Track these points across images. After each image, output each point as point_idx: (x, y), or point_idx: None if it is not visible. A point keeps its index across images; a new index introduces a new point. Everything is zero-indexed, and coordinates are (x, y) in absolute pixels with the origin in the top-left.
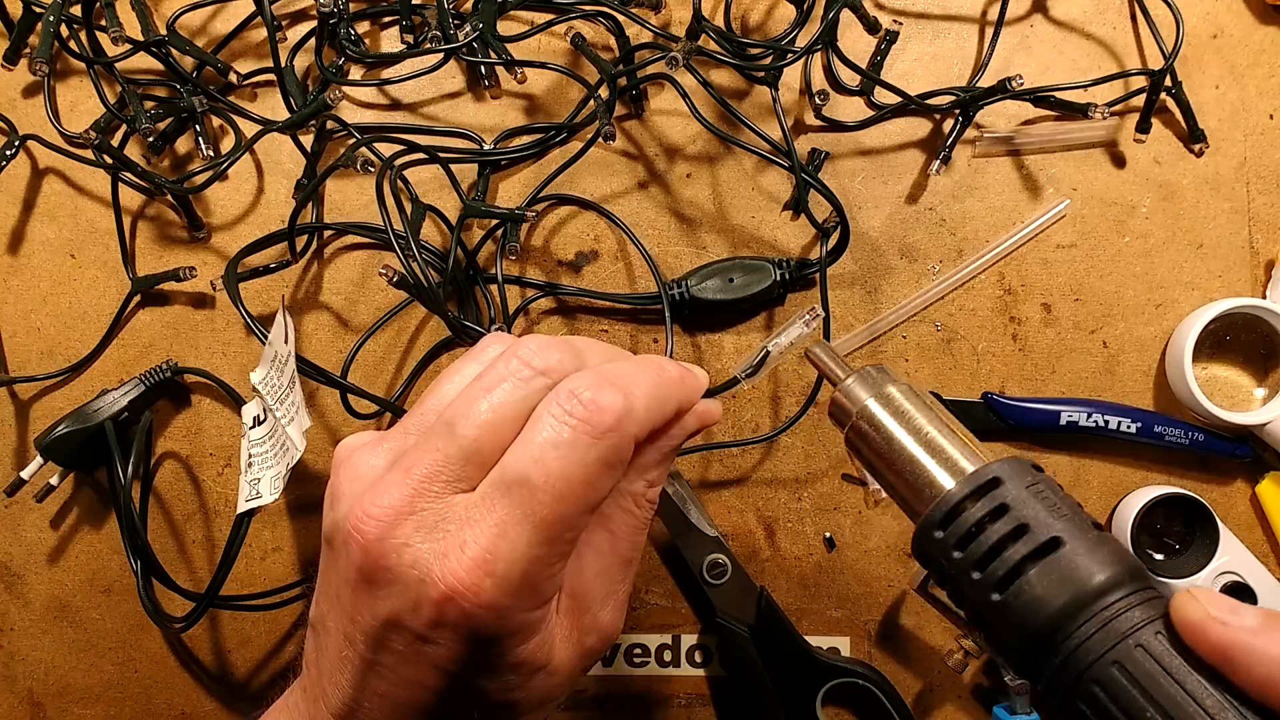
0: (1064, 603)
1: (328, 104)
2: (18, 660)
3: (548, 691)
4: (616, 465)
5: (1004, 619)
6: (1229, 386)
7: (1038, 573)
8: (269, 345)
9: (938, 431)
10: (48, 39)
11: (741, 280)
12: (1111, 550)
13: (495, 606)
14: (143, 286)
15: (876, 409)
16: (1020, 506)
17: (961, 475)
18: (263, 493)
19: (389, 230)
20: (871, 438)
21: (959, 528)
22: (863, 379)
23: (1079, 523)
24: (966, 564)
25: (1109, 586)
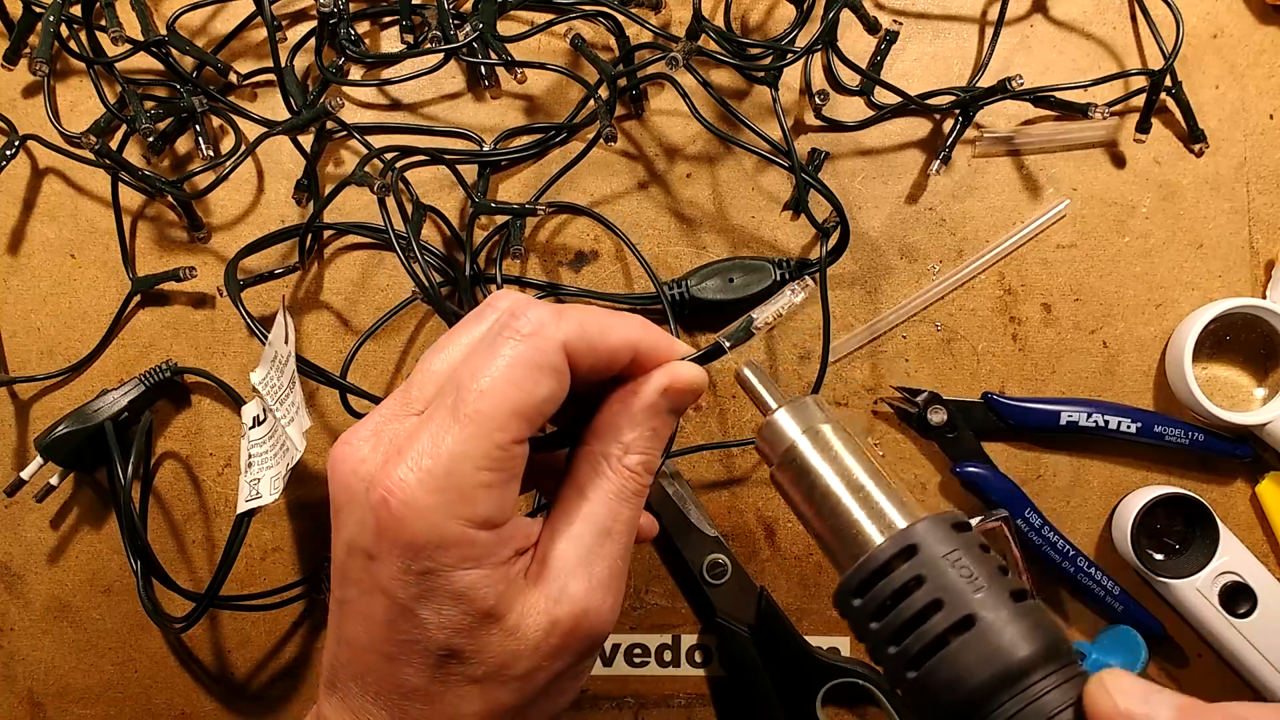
0: (975, 685)
1: (328, 109)
2: (18, 660)
3: (505, 654)
4: (543, 368)
5: (919, 695)
6: (1229, 386)
7: (951, 652)
8: (269, 345)
9: (867, 481)
10: (47, 39)
11: (741, 280)
12: (1027, 626)
13: (421, 505)
14: (143, 286)
15: (806, 449)
16: (936, 578)
17: (887, 533)
18: (263, 493)
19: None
20: (800, 480)
21: (875, 597)
22: (794, 411)
23: (997, 594)
24: (883, 636)
25: (1023, 669)
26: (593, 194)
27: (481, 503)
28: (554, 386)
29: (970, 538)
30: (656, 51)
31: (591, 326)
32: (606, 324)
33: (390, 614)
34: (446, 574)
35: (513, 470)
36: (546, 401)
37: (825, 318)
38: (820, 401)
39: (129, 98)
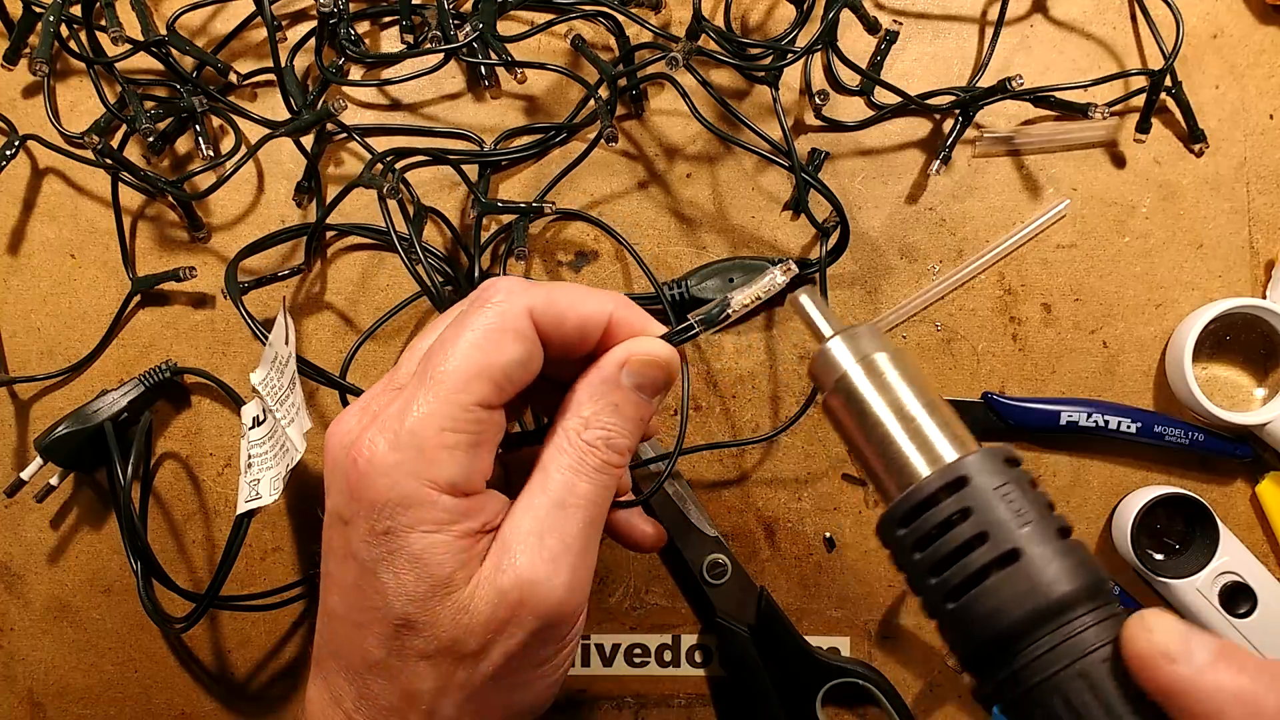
0: (1014, 620)
1: (330, 111)
2: (18, 660)
3: (456, 629)
4: (507, 331)
5: (955, 626)
6: (1229, 386)
7: (991, 585)
8: (269, 346)
9: (920, 411)
10: (48, 39)
11: (741, 280)
12: (1071, 564)
13: (384, 463)
14: (142, 286)
15: (859, 378)
16: (984, 511)
17: (936, 465)
18: (262, 493)
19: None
20: (850, 408)
21: (920, 528)
22: (849, 340)
23: (1043, 530)
24: (924, 566)
25: (1063, 605)
26: (593, 194)
27: (444, 464)
28: (519, 350)
29: (1021, 473)
30: (657, 51)
31: (562, 297)
32: (579, 296)
33: (358, 578)
34: (405, 535)
35: (479, 434)
36: (514, 365)
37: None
38: (876, 330)
39: (129, 98)
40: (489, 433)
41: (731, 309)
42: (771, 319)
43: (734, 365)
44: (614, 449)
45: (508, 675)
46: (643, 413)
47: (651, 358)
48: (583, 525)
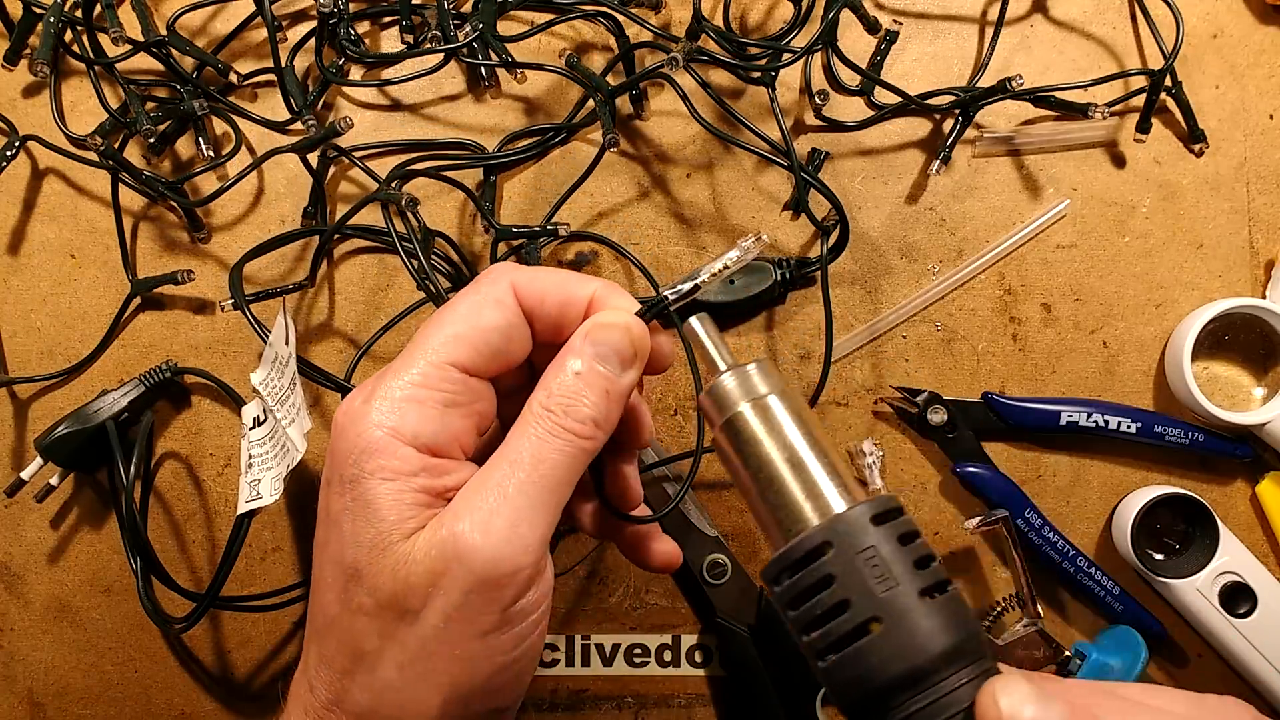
0: (877, 685)
1: (337, 130)
2: (18, 660)
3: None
4: (486, 299)
5: (829, 683)
6: (1229, 386)
7: (853, 652)
8: (269, 347)
9: (806, 457)
10: (48, 40)
11: (742, 281)
12: (935, 626)
13: (356, 414)
14: (142, 289)
15: (749, 418)
16: (845, 577)
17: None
18: (263, 494)
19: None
20: (739, 449)
21: (791, 589)
22: (741, 378)
23: (907, 593)
24: (797, 624)
25: (925, 671)
26: (593, 194)
27: (409, 416)
28: (497, 316)
29: (892, 529)
30: (657, 50)
31: (547, 275)
32: (565, 276)
33: (326, 533)
34: (366, 481)
35: (452, 395)
36: (491, 331)
37: (828, 317)
38: (768, 368)
39: (129, 99)
40: (465, 397)
41: (701, 279)
42: (772, 319)
43: None
44: (574, 416)
45: (449, 640)
46: (607, 384)
47: (610, 324)
48: (529, 484)
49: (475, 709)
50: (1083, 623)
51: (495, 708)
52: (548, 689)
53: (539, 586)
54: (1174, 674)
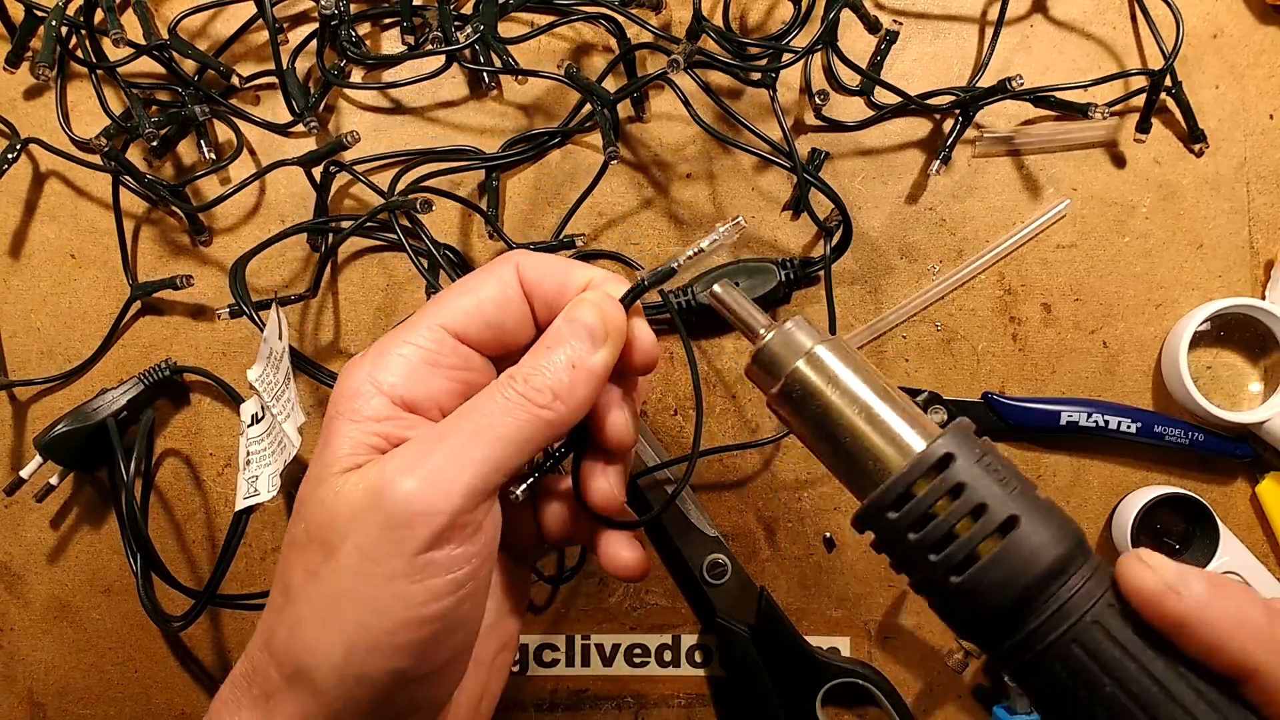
0: (1024, 585)
1: (344, 144)
2: (18, 660)
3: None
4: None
5: (962, 601)
6: (1227, 385)
7: (996, 555)
8: (264, 342)
9: (878, 400)
10: (50, 42)
11: (747, 284)
12: (1059, 522)
13: (349, 367)
14: (141, 293)
15: (809, 374)
16: (976, 485)
17: (909, 452)
18: (261, 490)
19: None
20: (804, 407)
21: (914, 510)
22: (786, 337)
23: (1028, 495)
24: (922, 546)
25: (1063, 565)
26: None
27: (390, 366)
28: (494, 289)
29: (989, 442)
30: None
31: (552, 260)
32: (568, 263)
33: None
34: (335, 421)
35: (434, 352)
36: (486, 300)
37: (831, 318)
38: (809, 322)
39: (132, 102)
40: (451, 360)
41: (679, 264)
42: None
43: (734, 365)
44: (531, 384)
45: (359, 580)
46: (574, 357)
47: (584, 301)
48: (466, 435)
49: (378, 664)
50: None
51: (399, 668)
52: (548, 689)
53: (462, 544)
54: None
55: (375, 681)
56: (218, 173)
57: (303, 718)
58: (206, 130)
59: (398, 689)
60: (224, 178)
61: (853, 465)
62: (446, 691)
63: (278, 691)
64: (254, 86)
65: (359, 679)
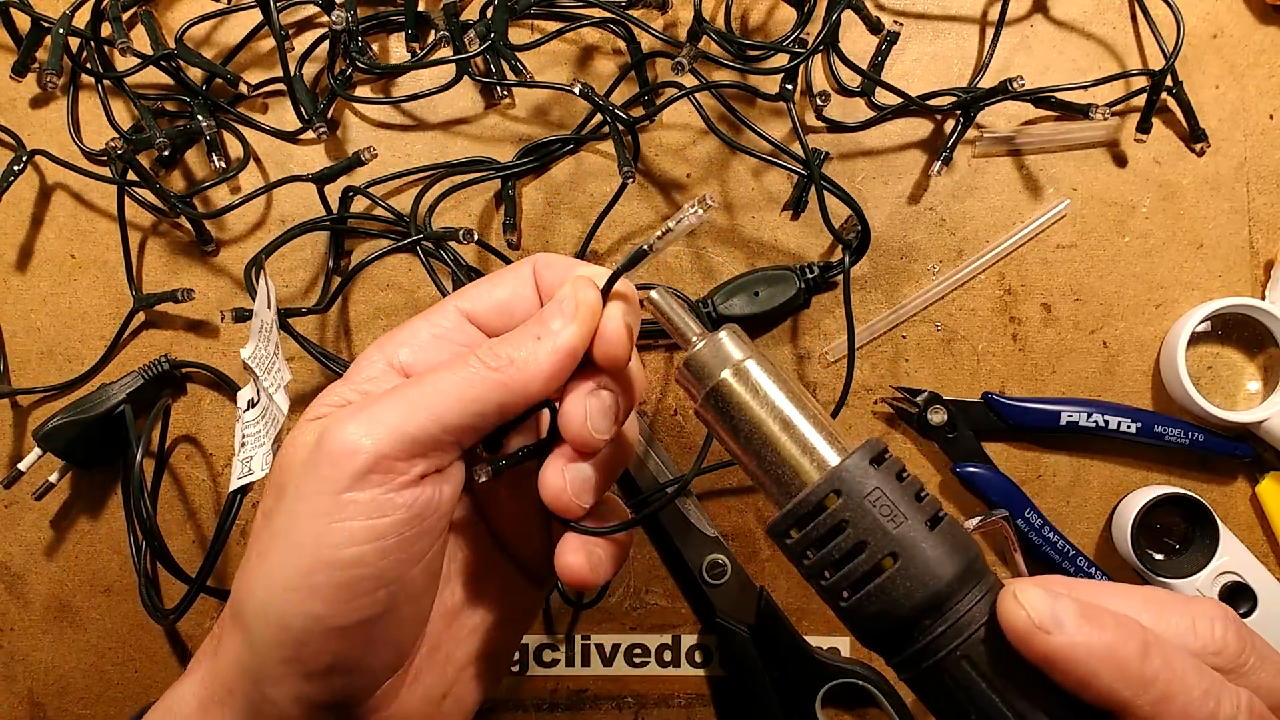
0: (900, 617)
1: (360, 160)
2: (18, 660)
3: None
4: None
5: (850, 620)
6: (1226, 384)
7: (875, 588)
8: (254, 316)
9: (796, 415)
10: (57, 51)
11: (767, 293)
12: (943, 553)
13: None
14: (144, 305)
15: (734, 385)
16: (858, 520)
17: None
18: (254, 469)
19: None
20: (727, 416)
21: (807, 538)
22: (714, 347)
23: (914, 526)
24: (814, 570)
25: (942, 596)
26: (592, 194)
27: (404, 344)
28: (510, 278)
29: (888, 469)
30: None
31: (564, 259)
32: (574, 263)
33: None
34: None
35: (443, 328)
36: (499, 286)
37: (849, 320)
38: (740, 334)
39: (141, 112)
40: (457, 336)
41: (650, 245)
42: (796, 326)
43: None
44: (493, 352)
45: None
46: (538, 329)
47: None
48: (410, 385)
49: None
50: None
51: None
52: (548, 689)
53: (387, 490)
54: None
55: (292, 625)
56: (227, 182)
57: (236, 660)
58: (216, 140)
59: (317, 638)
60: (233, 187)
61: (769, 476)
62: (381, 663)
63: (223, 634)
64: (262, 94)
65: (277, 620)
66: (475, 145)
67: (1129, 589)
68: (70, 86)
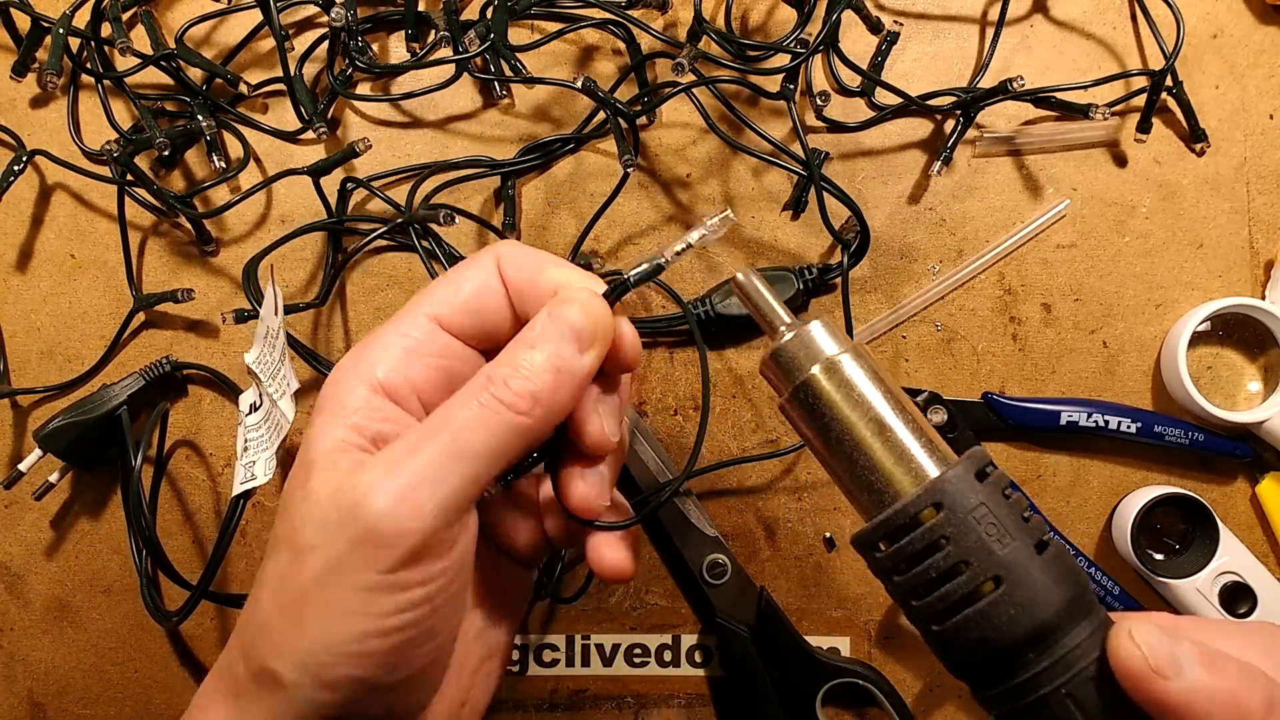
0: (1001, 647)
1: (355, 151)
2: (18, 660)
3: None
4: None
5: (941, 647)
6: (1227, 385)
7: (975, 613)
8: (260, 321)
9: (893, 418)
10: (57, 51)
11: None
12: (1052, 581)
13: (342, 365)
14: (144, 305)
15: (825, 383)
16: (961, 538)
17: (911, 482)
18: (257, 474)
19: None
20: (815, 415)
21: (898, 554)
22: (805, 339)
23: (1022, 549)
24: (905, 589)
25: (1049, 627)
26: (592, 194)
27: (374, 357)
28: (475, 277)
29: (994, 484)
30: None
31: (530, 253)
32: (545, 256)
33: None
34: (316, 419)
35: (416, 340)
36: (465, 284)
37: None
38: (834, 326)
39: (141, 113)
40: (431, 347)
41: (665, 259)
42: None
43: (733, 365)
44: (512, 388)
45: (326, 586)
46: (557, 360)
47: (569, 299)
48: (442, 448)
49: (344, 672)
50: None
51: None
52: (548, 689)
53: (436, 561)
54: None
55: (341, 688)
56: (227, 183)
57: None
58: (216, 140)
59: (366, 696)
60: (233, 187)
61: (858, 483)
62: (421, 699)
63: (246, 692)
64: (262, 94)
65: (325, 685)
66: (475, 145)
67: (1244, 628)
68: (70, 86)
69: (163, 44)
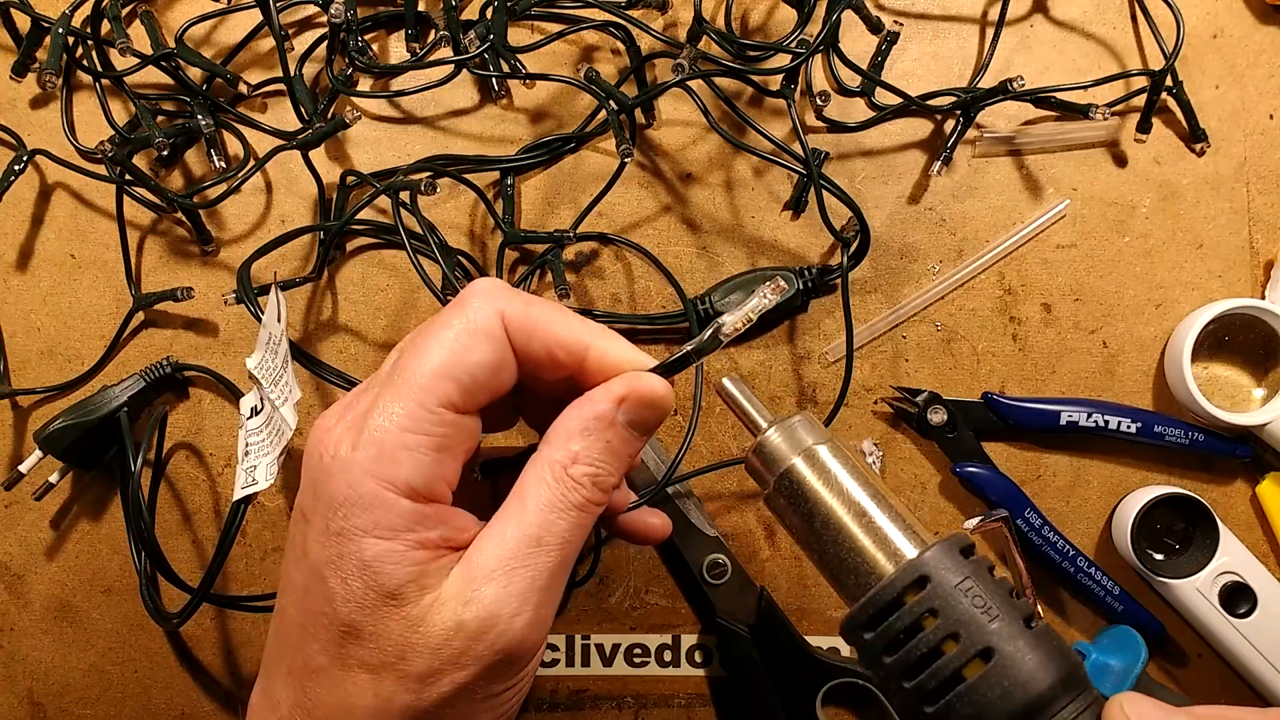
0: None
1: (344, 122)
2: (18, 660)
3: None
4: (475, 333)
5: None
6: (1229, 387)
7: (969, 688)
8: (263, 328)
9: (870, 505)
10: (56, 51)
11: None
12: (1044, 656)
13: (345, 460)
14: (144, 304)
15: (805, 470)
16: (950, 610)
17: (894, 562)
18: (259, 479)
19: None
20: (797, 504)
21: (887, 631)
22: (786, 432)
23: (1012, 623)
24: (896, 669)
25: (1043, 701)
26: (592, 193)
27: (403, 464)
28: (486, 352)
29: (979, 562)
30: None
31: (540, 313)
32: (559, 318)
33: (307, 580)
34: (358, 539)
35: (443, 437)
36: (480, 367)
37: (847, 321)
38: (812, 419)
39: (140, 112)
40: (455, 438)
41: (724, 335)
42: (794, 329)
43: (733, 365)
44: (600, 487)
45: (453, 706)
46: (633, 450)
47: (651, 396)
48: (556, 565)
49: None
50: (1083, 622)
51: None
52: (548, 689)
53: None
54: (1174, 674)
55: None
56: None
57: None
58: (216, 139)
59: None
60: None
61: (843, 567)
62: None
63: None
64: (262, 94)
65: None
66: (475, 144)
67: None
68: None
69: (162, 44)
